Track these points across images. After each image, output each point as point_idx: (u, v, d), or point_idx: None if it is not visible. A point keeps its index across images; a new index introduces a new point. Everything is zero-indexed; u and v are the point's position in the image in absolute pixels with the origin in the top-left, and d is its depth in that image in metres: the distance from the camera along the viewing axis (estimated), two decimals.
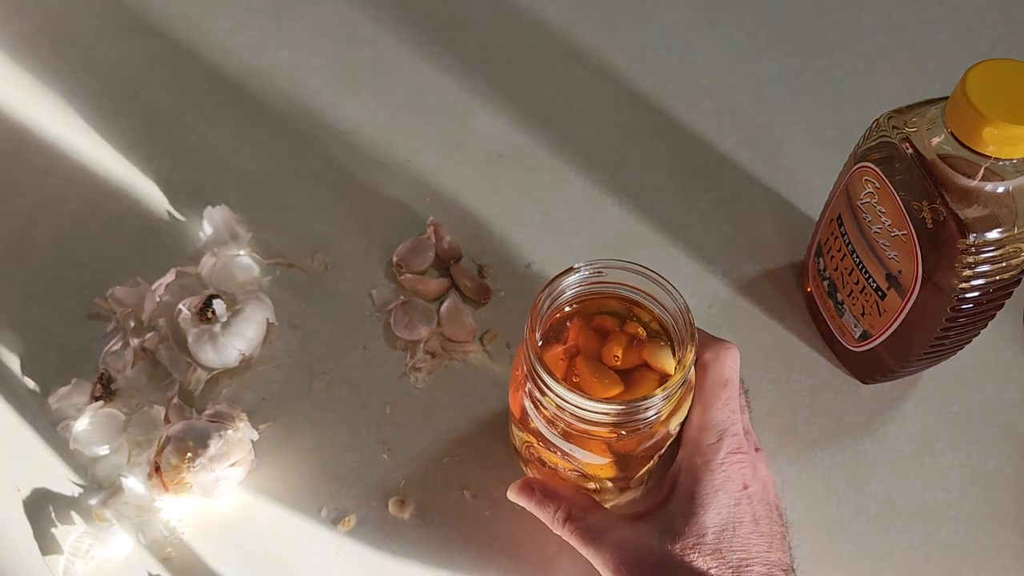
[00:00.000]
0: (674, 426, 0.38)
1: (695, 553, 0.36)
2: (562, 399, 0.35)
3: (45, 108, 0.62)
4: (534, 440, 0.39)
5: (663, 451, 0.39)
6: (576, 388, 0.36)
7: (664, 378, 0.37)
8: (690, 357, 0.36)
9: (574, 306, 0.40)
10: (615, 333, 0.39)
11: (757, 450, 0.40)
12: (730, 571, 0.36)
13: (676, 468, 0.39)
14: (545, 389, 0.36)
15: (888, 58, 0.61)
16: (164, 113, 0.61)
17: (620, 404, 0.35)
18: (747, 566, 0.36)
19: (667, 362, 0.37)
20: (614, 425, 0.36)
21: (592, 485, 0.41)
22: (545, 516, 0.41)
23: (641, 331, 0.39)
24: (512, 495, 0.42)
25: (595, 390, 0.37)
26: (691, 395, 0.39)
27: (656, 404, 0.35)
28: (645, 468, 0.40)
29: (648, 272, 0.38)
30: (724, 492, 0.37)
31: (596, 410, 0.35)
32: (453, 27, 0.64)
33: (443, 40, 0.63)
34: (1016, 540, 0.45)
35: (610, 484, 0.41)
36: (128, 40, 0.65)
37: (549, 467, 0.41)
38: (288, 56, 0.63)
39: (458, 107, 0.61)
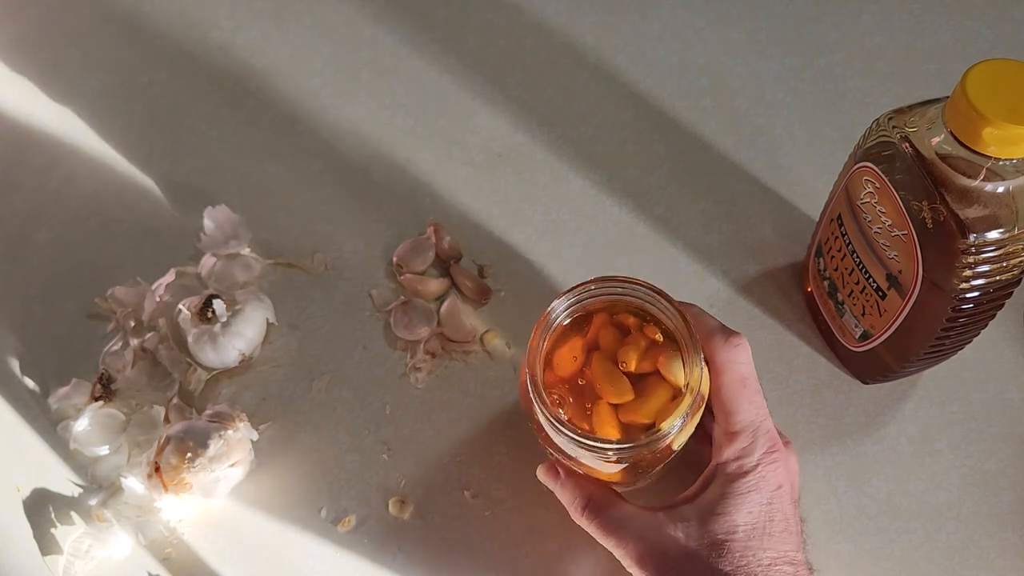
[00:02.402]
0: (678, 445, 0.38)
1: (723, 550, 0.36)
2: (561, 433, 0.36)
3: (45, 108, 0.62)
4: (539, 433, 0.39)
5: (670, 460, 0.39)
6: (582, 398, 0.36)
7: (676, 391, 0.37)
8: (689, 398, 0.36)
9: (596, 303, 0.39)
10: (633, 335, 0.38)
11: (788, 442, 0.40)
12: (760, 569, 0.35)
13: (710, 472, 0.38)
14: (545, 424, 0.36)
15: (888, 58, 0.61)
16: (164, 113, 0.61)
17: (617, 444, 0.35)
18: (776, 565, 0.36)
19: (678, 375, 0.37)
20: (615, 459, 0.36)
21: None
22: (566, 501, 0.40)
23: (659, 336, 0.38)
24: (540, 474, 0.42)
25: (606, 394, 0.37)
26: (700, 412, 0.38)
27: (657, 442, 0.35)
28: (650, 473, 0.40)
29: (647, 292, 0.37)
30: (758, 492, 0.37)
31: (594, 446, 0.35)
32: (453, 27, 0.64)
33: (443, 40, 0.63)
34: (1016, 540, 0.45)
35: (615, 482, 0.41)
36: (128, 40, 0.65)
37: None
38: (288, 56, 0.63)
39: (458, 107, 0.61)
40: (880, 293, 0.44)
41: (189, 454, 0.45)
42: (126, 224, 0.57)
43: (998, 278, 0.39)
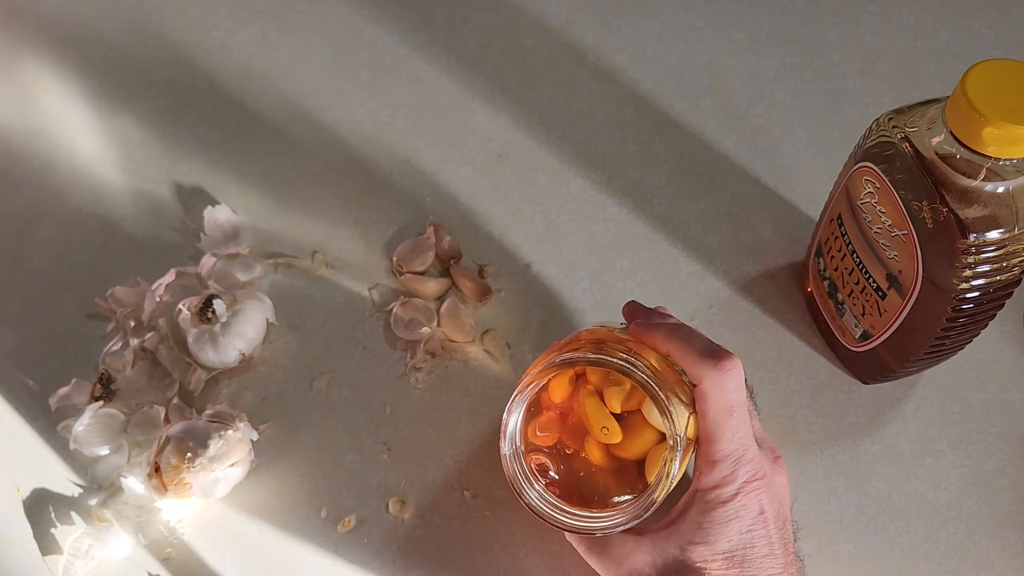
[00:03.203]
0: (662, 497, 0.37)
1: None
2: (547, 511, 0.37)
3: (45, 108, 0.62)
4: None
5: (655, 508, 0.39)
6: (571, 429, 0.37)
7: (661, 434, 0.38)
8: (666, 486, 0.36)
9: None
10: (615, 374, 0.38)
11: (777, 458, 0.40)
12: None
13: (689, 496, 0.38)
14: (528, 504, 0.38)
15: (888, 58, 0.61)
16: (164, 113, 0.61)
17: (603, 524, 0.36)
18: None
19: (657, 422, 0.37)
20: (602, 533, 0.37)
21: None
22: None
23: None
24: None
25: (595, 434, 0.38)
26: (687, 463, 0.37)
27: (644, 512, 0.36)
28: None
29: (620, 363, 0.36)
30: (738, 520, 0.36)
31: (582, 527, 0.37)
32: (453, 27, 0.64)
33: (443, 40, 0.63)
34: (1016, 540, 0.45)
35: None
36: (128, 40, 0.65)
37: None
38: (288, 56, 0.63)
39: (458, 107, 0.61)
40: (880, 293, 0.44)
41: (189, 454, 0.45)
42: (126, 224, 0.57)
43: (998, 278, 0.39)
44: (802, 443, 0.48)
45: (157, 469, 0.45)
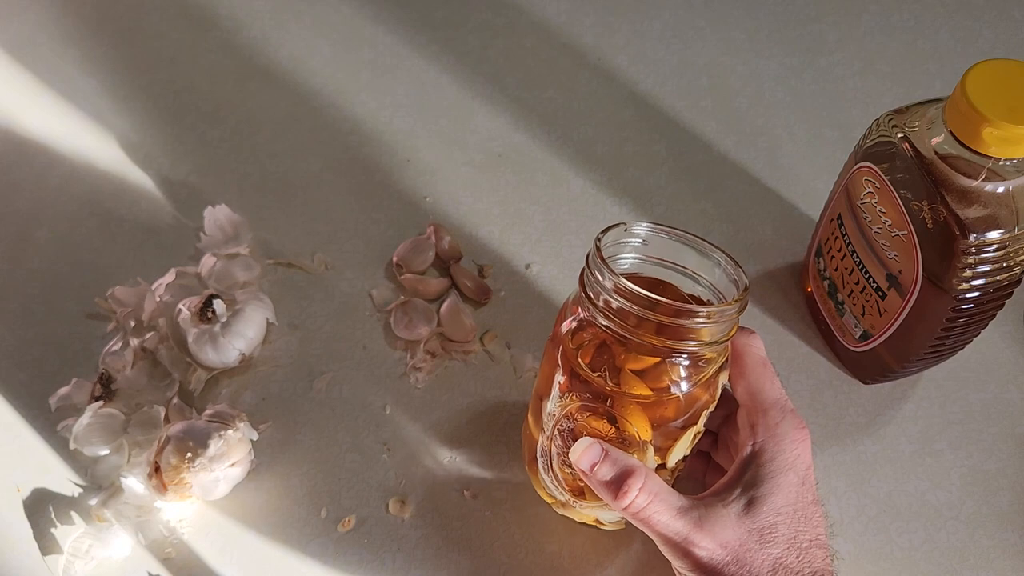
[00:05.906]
0: (706, 402, 0.37)
1: (774, 534, 0.36)
2: (620, 285, 0.35)
3: (45, 108, 0.62)
4: (576, 405, 0.38)
5: (697, 429, 0.39)
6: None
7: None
8: (737, 307, 0.36)
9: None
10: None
11: None
12: (799, 552, 0.36)
13: (745, 458, 0.38)
14: (604, 280, 0.36)
15: (888, 58, 0.61)
16: (164, 113, 0.61)
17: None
18: (811, 548, 0.36)
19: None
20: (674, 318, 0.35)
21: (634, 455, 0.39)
22: (608, 489, 0.37)
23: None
24: (575, 455, 0.37)
25: (630, 363, 0.37)
26: (725, 375, 0.38)
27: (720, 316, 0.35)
28: (679, 449, 0.40)
29: (703, 243, 0.38)
30: (793, 472, 0.37)
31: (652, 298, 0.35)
32: (453, 27, 0.64)
33: (443, 40, 0.63)
34: (1016, 540, 0.45)
35: (651, 454, 0.39)
36: (128, 40, 0.65)
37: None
38: (288, 56, 0.63)
39: (458, 107, 0.61)
40: (880, 293, 0.44)
41: (189, 454, 0.45)
42: (126, 224, 0.57)
43: (998, 278, 0.39)
44: None
45: (157, 469, 0.45)
